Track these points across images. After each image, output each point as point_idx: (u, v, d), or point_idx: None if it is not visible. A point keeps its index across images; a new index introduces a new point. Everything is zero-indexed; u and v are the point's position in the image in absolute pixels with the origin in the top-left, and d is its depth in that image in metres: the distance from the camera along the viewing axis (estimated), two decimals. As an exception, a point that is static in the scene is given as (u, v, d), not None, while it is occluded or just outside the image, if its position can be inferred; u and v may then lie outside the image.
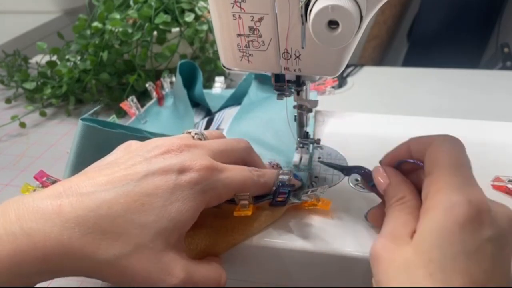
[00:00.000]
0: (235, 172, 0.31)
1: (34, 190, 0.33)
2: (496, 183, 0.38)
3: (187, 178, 0.28)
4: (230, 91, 0.59)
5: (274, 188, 0.34)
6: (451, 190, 0.26)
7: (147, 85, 0.60)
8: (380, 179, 0.32)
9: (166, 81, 0.61)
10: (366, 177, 0.35)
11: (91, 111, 0.39)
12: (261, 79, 0.57)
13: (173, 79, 0.62)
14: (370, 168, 0.34)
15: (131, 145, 0.32)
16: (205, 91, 0.59)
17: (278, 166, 0.41)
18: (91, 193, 0.26)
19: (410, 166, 0.32)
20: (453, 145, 0.28)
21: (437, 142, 0.29)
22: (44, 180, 0.35)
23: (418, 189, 0.30)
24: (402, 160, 0.32)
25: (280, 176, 0.34)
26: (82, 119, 0.37)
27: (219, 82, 0.64)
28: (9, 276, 0.24)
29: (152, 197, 0.27)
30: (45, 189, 0.28)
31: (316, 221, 0.35)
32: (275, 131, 0.47)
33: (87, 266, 0.25)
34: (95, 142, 0.37)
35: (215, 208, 0.33)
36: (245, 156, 0.35)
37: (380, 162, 0.34)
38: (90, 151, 0.36)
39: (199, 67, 0.61)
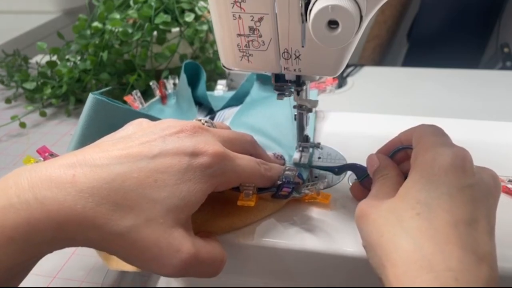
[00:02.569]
0: (245, 162, 0.32)
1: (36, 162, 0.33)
2: (496, 183, 0.37)
3: (201, 161, 0.29)
4: (232, 93, 0.59)
5: (278, 182, 0.35)
6: (436, 146, 0.29)
7: (151, 83, 0.60)
8: (371, 163, 0.34)
9: (169, 83, 0.61)
10: (357, 172, 0.37)
11: (101, 90, 0.39)
12: (263, 80, 0.57)
13: (176, 80, 0.62)
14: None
15: (142, 122, 0.32)
16: (207, 93, 0.60)
17: (282, 158, 0.41)
18: (105, 165, 0.26)
19: (402, 155, 0.34)
20: (435, 126, 0.32)
21: (421, 125, 0.33)
22: (47, 155, 0.35)
23: (406, 175, 0.32)
24: (395, 149, 0.35)
25: (286, 172, 0.35)
26: (92, 93, 0.37)
27: (221, 85, 0.64)
28: (22, 243, 0.24)
29: (165, 175, 0.27)
30: (57, 158, 0.27)
31: (317, 221, 0.35)
32: (276, 125, 0.47)
33: (99, 236, 0.25)
34: (103, 116, 0.37)
35: (218, 193, 0.34)
36: (250, 149, 0.36)
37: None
38: (97, 125, 0.36)
39: (199, 67, 0.61)
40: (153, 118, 0.34)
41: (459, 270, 0.23)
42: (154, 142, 0.29)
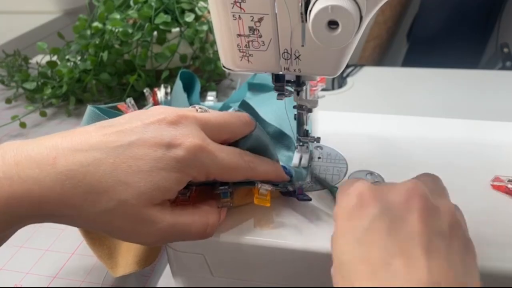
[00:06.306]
0: (226, 156, 0.31)
1: None
2: (495, 183, 0.38)
3: (176, 153, 0.29)
4: (222, 104, 0.59)
5: (290, 189, 0.36)
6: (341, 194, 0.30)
7: (144, 90, 0.60)
8: None
9: (160, 91, 0.61)
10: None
11: (104, 105, 0.40)
12: (254, 89, 0.57)
13: (168, 89, 0.62)
14: (371, 168, 0.35)
15: (135, 111, 0.34)
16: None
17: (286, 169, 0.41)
18: (84, 150, 0.28)
19: None
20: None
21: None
22: None
23: None
24: None
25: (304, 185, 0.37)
26: (90, 106, 0.38)
27: (211, 97, 0.64)
28: (5, 216, 0.27)
29: (139, 161, 0.28)
30: (45, 137, 0.29)
31: (315, 221, 0.35)
32: (273, 109, 0.46)
33: (77, 216, 0.28)
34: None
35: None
36: (245, 132, 0.34)
37: None
38: None
39: (200, 68, 0.61)
40: None
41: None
42: (135, 129, 0.30)
